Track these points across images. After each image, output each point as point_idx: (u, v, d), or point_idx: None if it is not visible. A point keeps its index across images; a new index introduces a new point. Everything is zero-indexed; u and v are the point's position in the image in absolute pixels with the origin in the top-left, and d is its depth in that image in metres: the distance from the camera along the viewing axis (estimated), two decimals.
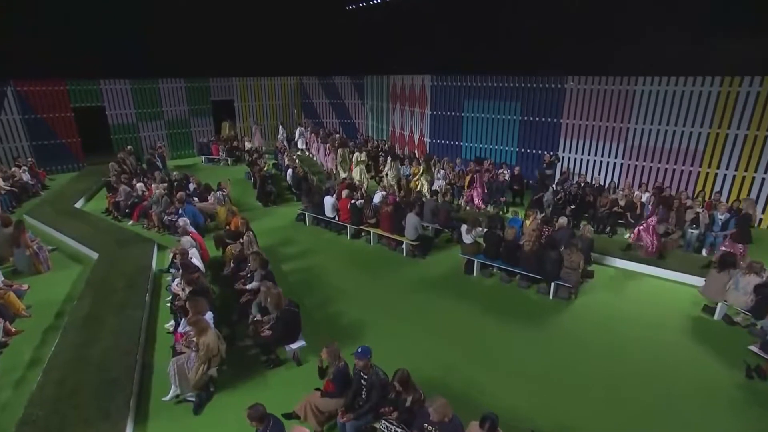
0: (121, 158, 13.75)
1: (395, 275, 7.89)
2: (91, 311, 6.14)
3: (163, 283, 7.39)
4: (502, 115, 12.86)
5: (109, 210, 10.80)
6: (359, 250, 9.01)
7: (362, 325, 6.30)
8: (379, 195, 10.00)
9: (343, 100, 19.96)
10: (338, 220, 9.63)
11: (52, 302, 6.79)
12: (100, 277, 7.16)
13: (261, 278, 6.18)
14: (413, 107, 15.35)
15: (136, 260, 7.79)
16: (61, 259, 8.28)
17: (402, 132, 16.54)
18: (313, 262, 8.31)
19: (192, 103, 17.76)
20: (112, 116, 16.26)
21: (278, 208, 11.56)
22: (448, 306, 6.83)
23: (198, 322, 4.69)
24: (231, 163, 16.42)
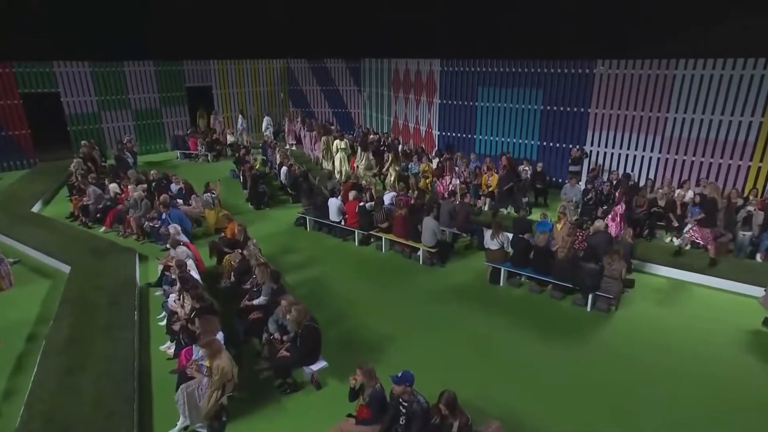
0: (84, 154, 13.60)
1: (412, 285, 8.02)
2: (73, 333, 6.10)
3: (152, 299, 7.38)
4: (522, 104, 13.10)
5: (75, 215, 10.70)
6: (370, 258, 9.12)
7: (381, 341, 6.41)
8: (389, 196, 10.12)
9: (336, 87, 20.03)
10: (344, 224, 9.72)
11: (20, 323, 6.72)
12: (76, 293, 7.11)
13: (271, 293, 6.24)
14: (419, 96, 15.51)
15: (116, 273, 7.74)
16: (24, 273, 8.19)
17: (406, 124, 16.68)
18: (318, 272, 8.38)
19: (163, 90, 17.66)
20: (69, 104, 16.06)
21: (272, 211, 11.61)
22: (474, 319, 6.99)
23: (211, 343, 4.73)
24: (211, 158, 16.41)
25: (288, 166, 12.30)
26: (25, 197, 11.95)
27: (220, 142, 16.72)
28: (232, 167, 14.71)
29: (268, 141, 15.41)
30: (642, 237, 9.35)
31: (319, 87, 20.21)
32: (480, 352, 6.20)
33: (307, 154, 15.96)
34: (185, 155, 16.80)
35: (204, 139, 16.32)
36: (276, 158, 13.68)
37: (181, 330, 5.61)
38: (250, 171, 11.64)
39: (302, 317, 5.42)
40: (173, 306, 6.19)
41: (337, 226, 9.84)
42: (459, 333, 6.63)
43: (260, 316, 6.10)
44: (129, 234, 9.75)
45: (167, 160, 16.71)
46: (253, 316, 6.12)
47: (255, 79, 19.53)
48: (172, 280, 7.04)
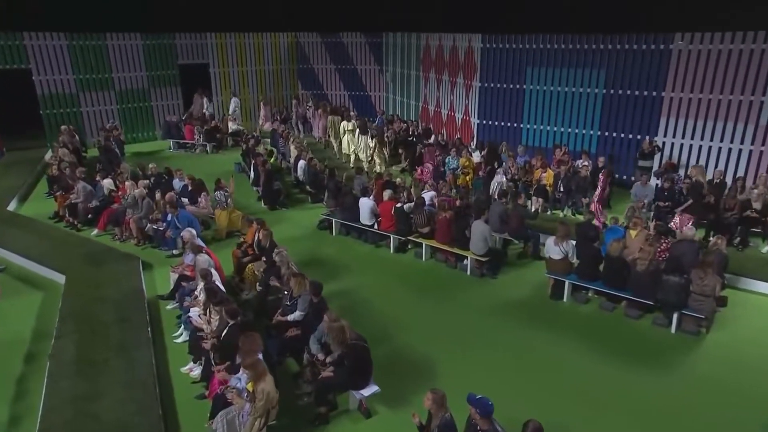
0: (63, 142, 13.89)
1: (460, 300, 8.15)
2: (81, 353, 6.26)
3: (164, 314, 7.57)
4: (580, 87, 13.17)
5: (61, 214, 10.96)
6: (408, 268, 9.27)
7: (430, 363, 6.54)
8: (428, 196, 10.26)
9: (354, 66, 20.27)
10: (378, 228, 9.87)
11: (14, 342, 6.89)
12: (77, 307, 7.29)
13: (309, 307, 6.40)
14: (455, 77, 15.62)
15: (119, 283, 7.93)
16: (9, 283, 8.40)
17: (438, 110, 16.82)
18: (351, 284, 8.53)
19: (152, 68, 17.96)
20: (43, 83, 16.35)
21: (289, 211, 11.83)
22: (535, 339, 7.08)
23: (255, 365, 4.85)
24: (210, 149, 16.66)
25: (308, 159, 12.48)
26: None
27: (220, 130, 16.96)
28: (237, 160, 14.96)
29: (279, 130, 15.60)
30: (732, 246, 9.38)
31: (334, 66, 20.44)
32: (543, 377, 6.29)
33: (318, 138, 16.23)
34: (179, 145, 17.06)
35: (202, 126, 16.55)
36: (289, 150, 13.87)
37: (213, 348, 5.76)
38: (264, 165, 11.83)
39: (344, 336, 5.56)
40: (198, 322, 6.35)
41: (369, 230, 9.99)
42: (518, 355, 6.73)
43: (298, 333, 6.25)
44: (127, 238, 9.96)
45: (158, 151, 16.99)
46: (290, 333, 6.27)
47: (259, 56, 19.80)
48: (189, 291, 7.24)
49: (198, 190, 10.43)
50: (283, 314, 6.64)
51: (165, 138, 17.40)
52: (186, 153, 16.79)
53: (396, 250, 9.78)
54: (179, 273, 7.61)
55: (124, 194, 10.33)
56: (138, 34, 17.44)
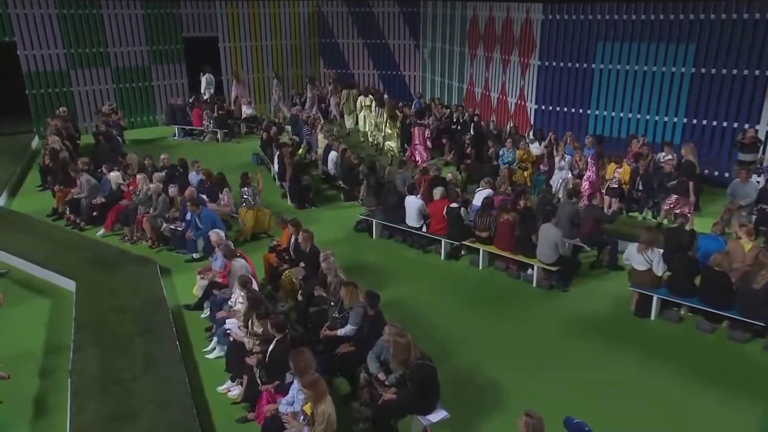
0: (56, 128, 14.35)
1: (527, 315, 8.30)
2: (105, 369, 6.56)
3: (192, 326, 7.87)
4: (663, 65, 13.15)
5: (60, 212, 11.37)
6: (463, 277, 9.44)
7: (500, 386, 6.70)
8: (481, 194, 10.39)
9: (385, 41, 20.49)
10: (427, 231, 10.06)
11: (25, 355, 7.21)
12: (94, 316, 7.62)
13: (363, 320, 6.60)
14: (508, 54, 15.73)
15: (137, 291, 8.26)
16: (10, 289, 8.75)
17: (487, 93, 16.94)
18: (399, 294, 8.69)
19: (154, 42, 18.44)
20: (29, 59, 16.82)
21: (320, 211, 12.11)
22: (619, 362, 7.16)
23: (316, 384, 5.05)
24: (222, 137, 17.04)
25: (340, 151, 12.74)
26: None
27: (232, 115, 17.34)
28: (254, 150, 15.30)
29: (306, 116, 15.91)
30: None
31: (362, 40, 20.70)
32: (629, 407, 6.35)
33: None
34: (185, 132, 17.51)
35: (212, 111, 16.97)
36: (316, 139, 14.17)
37: (262, 364, 6.01)
38: (291, 158, 12.12)
39: (408, 354, 5.73)
40: (238, 335, 6.61)
41: (417, 232, 10.18)
42: (598, 379, 6.83)
43: (351, 350, 6.46)
44: (138, 239, 10.32)
45: (160, 139, 17.46)
46: (342, 349, 6.48)
47: (276, 29, 20.20)
48: (222, 300, 7.52)
49: (218, 185, 10.74)
50: (332, 328, 6.85)
51: (169, 123, 17.86)
52: (193, 141, 17.21)
53: (448, 256, 9.94)
54: (209, 280, 7.89)
55: (134, 189, 10.68)
56: (137, 1, 17.93)
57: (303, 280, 8.16)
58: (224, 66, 19.55)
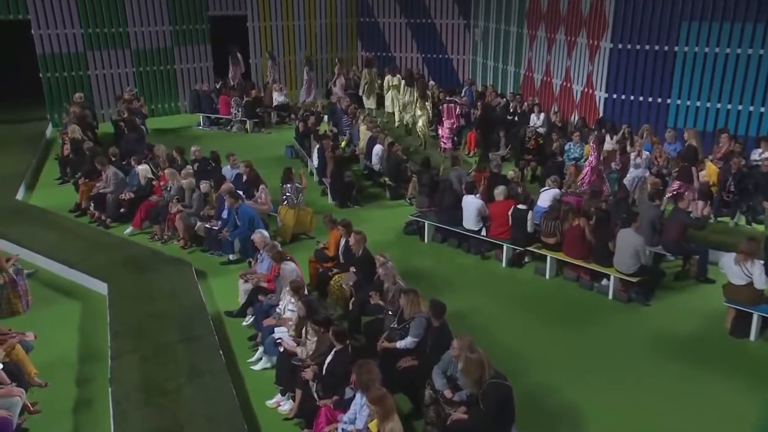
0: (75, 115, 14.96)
1: (604, 330, 8.40)
2: (147, 378, 6.91)
3: (233, 334, 8.22)
4: (760, 48, 12.98)
5: (83, 207, 11.89)
6: (528, 286, 9.60)
7: (576, 406, 6.86)
8: (548, 195, 10.52)
9: (432, 20, 20.71)
10: (487, 234, 10.25)
11: (59, 362, 7.62)
12: (130, 322, 8.01)
13: (424, 332, 6.81)
14: (574, 36, 15.76)
15: (176, 295, 8.64)
16: (39, 291, 9.19)
17: (548, 80, 17.00)
18: (457, 305, 8.68)
19: (177, 21, 19.01)
20: (44, 39, 17.51)
21: (363, 210, 12.39)
22: (712, 387, 7.18)
23: (383, 399, 5.27)
24: (250, 127, 17.51)
25: (387, 144, 13.00)
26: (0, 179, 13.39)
27: (262, 102, 17.79)
28: (287, 142, 15.67)
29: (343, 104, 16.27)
30: None
31: (405, 20, 20.98)
32: None
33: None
34: (211, 121, 18.04)
35: (241, 98, 17.44)
36: (358, 131, 14.45)
37: (316, 380, 6.29)
38: (334, 152, 12.44)
39: (482, 371, 5.91)
40: (290, 346, 6.92)
41: (475, 236, 10.37)
42: (690, 405, 6.88)
43: (414, 364, 6.67)
44: (169, 238, 10.75)
45: (184, 128, 18.02)
46: (404, 363, 6.71)
47: (310, 7, 20.62)
48: (268, 307, 7.85)
49: (256, 181, 11.11)
50: (390, 340, 7.09)
51: (193, 111, 18.44)
52: (219, 131, 17.72)
53: (510, 263, 10.11)
54: (254, 284, 8.22)
55: (165, 184, 11.13)
56: None
57: (354, 287, 8.44)
58: (252, 47, 20.05)
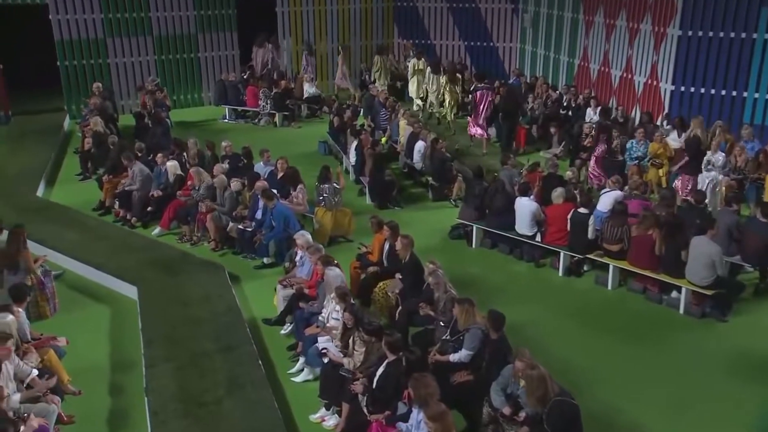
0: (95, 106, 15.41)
1: (675, 348, 8.42)
2: (185, 389, 7.17)
3: (271, 343, 8.47)
4: None
5: (107, 205, 12.28)
6: (588, 298, 9.67)
7: (645, 428, 6.91)
8: (609, 198, 10.50)
9: (476, 4, 20.81)
10: (542, 240, 10.33)
11: (92, 369, 7.92)
12: (163, 329, 8.32)
13: (480, 345, 6.95)
14: (636, 22, 15.72)
15: (211, 301, 8.93)
16: (65, 293, 9.55)
17: (605, 70, 16.99)
18: (511, 316, 8.30)
19: (203, 6, 19.38)
20: (62, 25, 18.01)
21: (404, 211, 12.56)
22: None
23: (444, 417, 5.40)
24: (279, 121, 17.82)
25: (430, 141, 13.14)
26: (18, 174, 13.86)
27: (292, 94, 18.10)
28: (320, 137, 15.93)
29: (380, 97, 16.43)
30: None
31: (446, 4, 21.11)
32: None
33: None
34: (237, 114, 18.38)
35: (270, 89, 17.79)
36: (397, 126, 14.62)
37: (366, 394, 6.47)
38: (373, 149, 12.63)
39: (545, 389, 6.01)
40: (337, 357, 7.11)
41: (528, 242, 10.47)
42: None
43: (469, 379, 6.82)
44: (199, 240, 11.06)
45: (208, 121, 18.43)
46: (458, 378, 6.85)
47: None
48: (310, 314, 8.06)
49: (293, 179, 11.34)
50: (443, 352, 7.24)
51: (218, 103, 18.84)
52: (246, 124, 18.07)
53: (567, 271, 10.19)
54: (296, 290, 8.45)
55: (191, 183, 11.44)
56: None
57: (400, 295, 8.61)
58: (281, 34, 20.38)
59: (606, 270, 9.86)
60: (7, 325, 6.62)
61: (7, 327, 6.60)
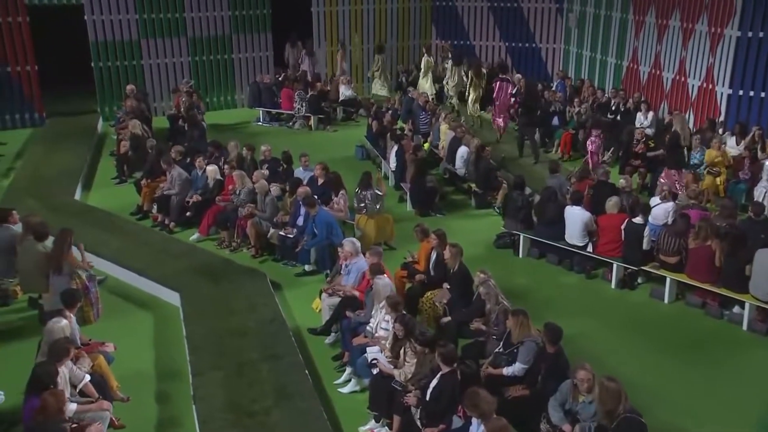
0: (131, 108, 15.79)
1: (740, 366, 8.41)
2: (233, 398, 7.40)
3: (315, 352, 8.68)
4: None
5: (145, 209, 12.62)
6: (644, 312, 9.70)
7: None
8: (664, 207, 10.52)
9: (518, 3, 20.92)
10: (594, 251, 10.39)
11: (138, 376, 8.20)
12: (208, 337, 8.58)
13: (535, 359, 7.07)
14: (692, 22, 15.66)
15: (255, 309, 9.20)
16: (107, 299, 9.79)
17: (657, 73, 16.93)
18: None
19: (237, 6, 19.76)
20: (97, 25, 18.52)
21: (446, 219, 12.67)
22: None
23: (505, 431, 5.61)
24: (314, 124, 18.11)
25: (475, 146, 13.23)
26: (55, 177, 14.28)
27: (327, 96, 18.38)
28: (357, 141, 16.15)
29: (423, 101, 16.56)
30: None
31: (487, 3, 21.25)
32: None
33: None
34: (271, 117, 18.73)
35: (306, 91, 18.07)
36: (438, 130, 14.78)
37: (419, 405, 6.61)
38: (416, 154, 12.80)
39: (617, 403, 6.04)
40: (387, 368, 7.26)
41: (579, 252, 10.53)
42: None
43: (525, 394, 6.93)
44: (238, 246, 11.32)
45: (242, 124, 18.77)
46: (513, 393, 6.96)
47: None
48: (357, 324, 8.24)
49: (335, 185, 11.56)
50: (496, 366, 7.37)
51: (252, 105, 19.19)
52: (281, 127, 18.37)
53: (620, 283, 10.22)
54: (345, 295, 8.65)
55: (233, 187, 11.68)
56: None
57: (448, 305, 8.76)
58: (316, 35, 20.73)
59: (662, 283, 9.90)
60: (62, 330, 6.92)
61: (62, 332, 6.90)
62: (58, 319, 7.07)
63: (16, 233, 9.46)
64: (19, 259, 9.19)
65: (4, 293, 9.63)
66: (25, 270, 9.15)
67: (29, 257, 9.02)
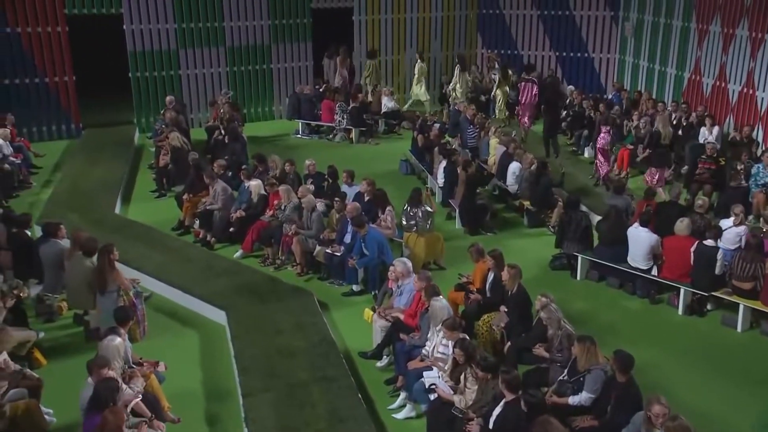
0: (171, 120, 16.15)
1: None
2: (284, 420, 7.54)
3: (367, 375, 8.78)
4: None
5: (186, 225, 12.90)
6: (714, 340, 9.65)
7: None
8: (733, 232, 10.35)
9: (571, 11, 21.03)
10: (659, 275, 10.37)
11: (186, 396, 8.40)
12: (257, 358, 8.73)
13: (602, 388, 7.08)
14: (762, 31, 15.53)
15: (304, 329, 9.34)
16: (152, 317, 10.06)
17: (721, 86, 16.87)
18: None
19: (278, 15, 20.19)
20: (135, 35, 19.03)
21: (497, 238, 12.76)
22: None
23: None
24: (356, 137, 18.34)
25: (528, 162, 13.35)
26: (94, 190, 14.65)
27: (369, 108, 18.61)
28: (403, 155, 16.30)
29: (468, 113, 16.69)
30: None
31: (536, 11, 21.41)
32: None
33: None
34: (311, 129, 19.03)
35: (347, 103, 18.34)
36: (487, 144, 14.88)
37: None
38: (466, 169, 12.90)
39: None
40: (447, 393, 7.34)
41: (643, 276, 10.50)
42: None
43: (594, 424, 6.95)
44: (282, 263, 11.52)
45: (280, 136, 19.10)
46: (581, 423, 7.00)
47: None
48: (411, 348, 8.32)
49: (381, 201, 11.72)
50: (560, 394, 7.41)
51: (291, 117, 19.53)
52: (321, 140, 18.69)
53: (688, 310, 10.17)
54: (394, 319, 8.77)
55: (278, 202, 11.89)
56: None
57: (506, 329, 8.82)
58: (357, 44, 21.07)
59: (734, 310, 9.82)
60: (116, 349, 7.15)
61: (116, 350, 7.13)
62: (112, 337, 7.30)
63: (64, 248, 9.82)
64: (68, 275, 9.52)
65: (50, 309, 9.89)
66: (72, 286, 9.47)
67: (77, 273, 9.34)
